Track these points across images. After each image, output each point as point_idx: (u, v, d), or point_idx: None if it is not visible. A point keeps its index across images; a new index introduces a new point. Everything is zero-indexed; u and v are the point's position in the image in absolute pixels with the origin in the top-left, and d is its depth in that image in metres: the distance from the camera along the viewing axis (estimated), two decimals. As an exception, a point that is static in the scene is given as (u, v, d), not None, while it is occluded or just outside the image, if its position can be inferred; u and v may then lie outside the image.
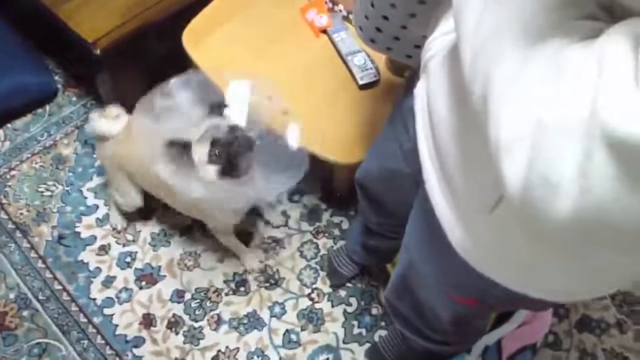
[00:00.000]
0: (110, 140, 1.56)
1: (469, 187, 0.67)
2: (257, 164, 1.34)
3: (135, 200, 1.63)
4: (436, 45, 0.79)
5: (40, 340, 1.57)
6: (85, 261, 1.69)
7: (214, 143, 1.26)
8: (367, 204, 1.33)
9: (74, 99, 2.00)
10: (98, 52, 1.56)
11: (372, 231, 1.45)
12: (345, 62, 1.60)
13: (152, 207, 1.76)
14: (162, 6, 1.64)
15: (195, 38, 1.63)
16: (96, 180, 1.81)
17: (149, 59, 1.80)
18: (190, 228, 1.75)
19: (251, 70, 1.58)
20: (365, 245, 1.55)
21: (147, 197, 1.65)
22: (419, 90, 0.82)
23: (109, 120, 1.58)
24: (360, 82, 1.56)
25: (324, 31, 1.65)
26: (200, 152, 1.27)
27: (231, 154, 1.26)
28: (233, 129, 1.29)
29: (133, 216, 1.75)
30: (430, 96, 0.77)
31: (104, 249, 1.71)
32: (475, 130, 0.61)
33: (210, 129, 1.29)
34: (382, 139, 1.15)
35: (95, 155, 1.84)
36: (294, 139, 1.39)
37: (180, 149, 1.27)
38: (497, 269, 0.69)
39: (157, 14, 1.64)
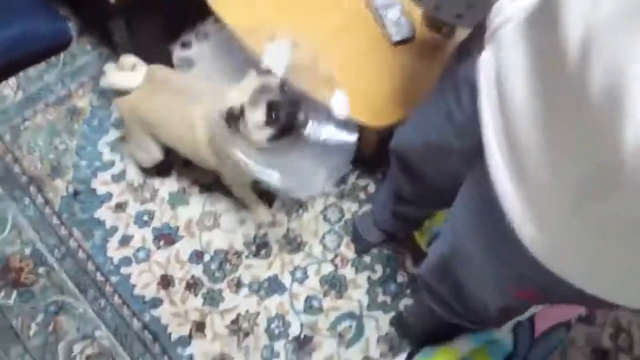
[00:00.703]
0: (130, 94, 1.48)
1: (551, 182, 0.58)
2: (302, 150, 1.29)
3: (155, 154, 1.56)
4: (509, 9, 0.68)
5: (57, 298, 1.53)
6: (102, 219, 1.63)
7: (270, 106, 1.21)
8: (401, 173, 1.25)
9: (89, 47, 1.90)
10: (113, 0, 1.45)
11: (402, 199, 1.37)
12: (378, 17, 1.48)
13: (169, 164, 1.69)
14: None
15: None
16: (112, 135, 1.74)
17: (166, 5, 1.70)
18: (209, 187, 1.68)
19: (276, 25, 1.47)
20: (394, 213, 1.47)
21: (165, 153, 1.58)
22: (485, 61, 0.72)
23: (126, 73, 1.49)
24: (394, 39, 1.44)
25: (357, -19, 1.53)
26: (256, 116, 1.21)
27: (290, 114, 1.22)
28: (283, 87, 1.23)
29: (150, 173, 1.68)
30: (501, 72, 0.66)
31: (120, 207, 1.65)
32: (574, 121, 0.53)
33: (258, 90, 1.22)
34: (427, 108, 1.05)
35: (112, 108, 1.76)
36: (341, 107, 1.32)
37: (235, 115, 1.21)
38: (579, 273, 0.61)
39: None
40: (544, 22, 0.59)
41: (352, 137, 1.35)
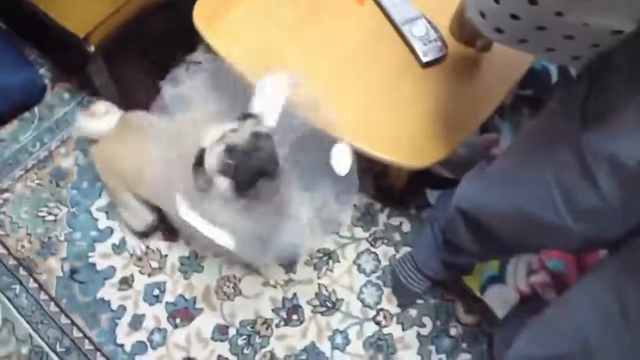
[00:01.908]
0: (101, 141, 1.30)
1: None
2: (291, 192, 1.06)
3: (143, 215, 1.36)
4: None
5: (66, 401, 1.33)
6: (106, 299, 1.42)
7: (228, 150, 0.96)
8: (470, 234, 1.06)
9: (66, 96, 1.67)
10: (92, 49, 1.23)
11: (459, 250, 1.17)
12: (401, 34, 1.27)
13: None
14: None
15: (209, 14, 1.30)
16: (106, 197, 1.52)
17: (151, 44, 1.49)
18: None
19: (282, 55, 1.26)
20: (445, 262, 1.28)
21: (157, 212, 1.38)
22: None
23: (98, 118, 1.31)
24: (424, 59, 1.23)
25: (370, -5, 1.31)
26: (212, 158, 0.97)
27: (245, 167, 0.95)
28: (257, 136, 0.97)
29: (154, 235, 1.47)
30: None
31: (126, 282, 1.44)
32: None
33: (229, 132, 0.98)
34: (516, 171, 0.87)
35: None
36: (341, 163, 1.08)
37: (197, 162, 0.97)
38: None
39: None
40: None
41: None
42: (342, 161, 1.10)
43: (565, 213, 0.74)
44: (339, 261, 1.46)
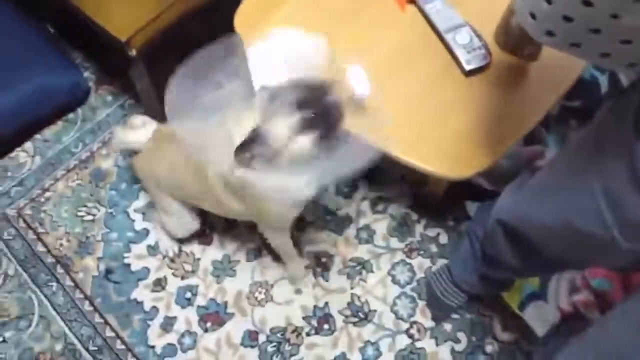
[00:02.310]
0: (142, 153, 1.33)
1: None
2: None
3: (187, 221, 1.37)
4: None
5: (97, 399, 1.34)
6: (140, 300, 1.43)
7: (301, 105, 0.95)
8: (510, 248, 1.02)
9: (109, 98, 1.70)
10: (133, 52, 1.25)
11: (500, 265, 1.13)
12: (444, 42, 1.23)
13: (210, 227, 1.48)
14: (204, -13, 1.31)
15: (250, 21, 1.29)
16: (143, 199, 1.53)
17: (193, 49, 1.49)
18: (257, 251, 1.46)
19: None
20: (483, 276, 1.23)
21: (200, 215, 1.38)
22: None
23: (135, 131, 1.35)
24: (467, 67, 1.19)
25: (413, 1, 1.28)
26: (287, 124, 0.95)
27: (329, 111, 0.96)
28: (300, 82, 0.98)
29: (189, 240, 1.47)
30: None
31: (159, 284, 1.44)
32: None
33: (269, 100, 0.97)
34: (561, 179, 0.84)
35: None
36: (360, 84, 1.08)
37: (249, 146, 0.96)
38: None
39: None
40: None
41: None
42: (360, 82, 1.09)
43: (612, 225, 0.70)
44: (372, 271, 1.43)
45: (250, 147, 0.96)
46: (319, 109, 0.95)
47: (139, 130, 1.34)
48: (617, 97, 0.74)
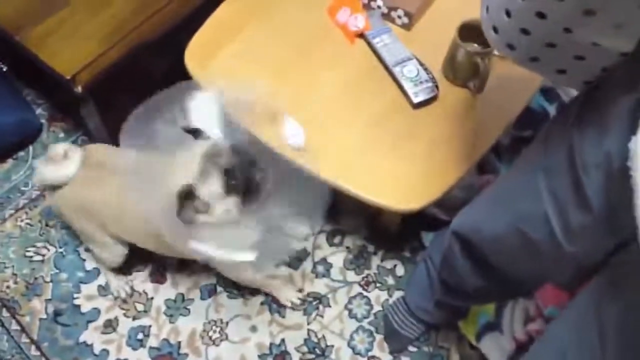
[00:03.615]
0: (69, 185, 1.24)
1: None
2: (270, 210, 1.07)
3: (118, 249, 1.32)
4: None
5: None
6: (89, 342, 1.38)
7: (226, 172, 1.02)
8: (465, 261, 1.03)
9: (61, 135, 1.67)
10: (79, 89, 1.23)
11: (456, 292, 1.13)
12: (392, 75, 1.25)
13: (162, 265, 1.45)
14: (155, 22, 1.31)
15: (201, 56, 1.29)
16: (95, 237, 1.50)
17: (144, 84, 1.48)
18: (213, 288, 1.43)
19: (271, 94, 1.24)
20: (440, 302, 1.23)
21: (152, 253, 1.34)
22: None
23: (56, 164, 1.25)
24: (415, 100, 1.21)
25: (361, 35, 1.30)
26: (211, 188, 1.02)
27: (248, 172, 1.04)
28: (236, 149, 1.05)
29: (140, 278, 1.43)
30: None
31: (110, 325, 1.40)
32: None
33: (206, 158, 1.02)
34: (514, 189, 0.86)
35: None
36: (295, 136, 1.15)
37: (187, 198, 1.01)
38: None
39: (150, 32, 1.30)
40: None
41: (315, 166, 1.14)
42: (296, 134, 1.15)
43: (555, 228, 0.73)
44: (329, 306, 1.42)
45: (186, 198, 1.01)
46: (243, 179, 1.03)
47: (63, 163, 1.23)
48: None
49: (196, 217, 1.03)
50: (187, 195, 1.00)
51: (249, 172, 1.04)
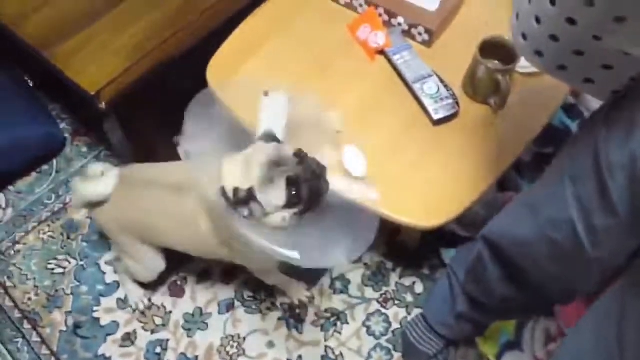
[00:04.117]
0: (109, 202, 1.25)
1: None
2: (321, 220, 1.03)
3: (157, 264, 1.33)
4: None
5: None
6: (108, 355, 1.38)
7: (290, 182, 0.96)
8: (497, 269, 1.03)
9: (84, 149, 1.70)
10: (103, 105, 1.25)
11: (482, 304, 1.12)
12: (412, 92, 1.25)
13: (182, 278, 1.46)
14: (178, 39, 1.32)
15: (222, 73, 1.31)
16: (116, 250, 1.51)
17: (167, 100, 1.50)
18: (231, 303, 1.43)
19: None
20: (461, 316, 1.21)
21: (172, 267, 1.36)
22: None
23: (94, 182, 1.27)
24: (435, 117, 1.21)
25: (381, 52, 1.31)
26: (274, 199, 0.96)
27: (313, 187, 0.97)
28: (301, 157, 0.99)
29: (157, 289, 1.44)
30: None
31: (129, 338, 1.40)
32: None
33: (269, 165, 0.97)
34: (542, 196, 0.88)
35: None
36: (356, 166, 1.12)
37: (242, 199, 0.96)
38: None
39: (173, 49, 1.32)
40: None
41: (373, 194, 1.11)
42: (356, 163, 1.12)
43: (580, 233, 0.74)
44: (347, 322, 1.41)
45: (240, 199, 0.96)
46: (307, 191, 0.97)
47: (100, 181, 1.26)
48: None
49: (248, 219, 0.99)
50: (240, 199, 0.96)
51: (313, 184, 0.98)
